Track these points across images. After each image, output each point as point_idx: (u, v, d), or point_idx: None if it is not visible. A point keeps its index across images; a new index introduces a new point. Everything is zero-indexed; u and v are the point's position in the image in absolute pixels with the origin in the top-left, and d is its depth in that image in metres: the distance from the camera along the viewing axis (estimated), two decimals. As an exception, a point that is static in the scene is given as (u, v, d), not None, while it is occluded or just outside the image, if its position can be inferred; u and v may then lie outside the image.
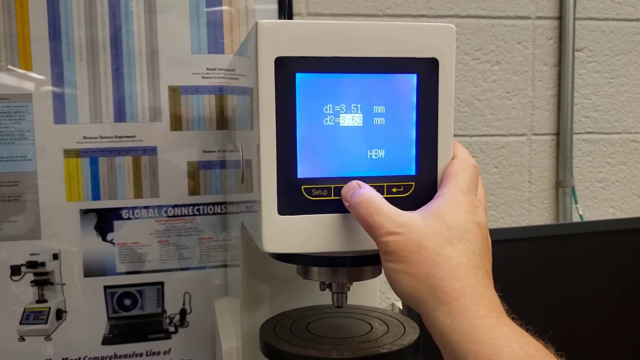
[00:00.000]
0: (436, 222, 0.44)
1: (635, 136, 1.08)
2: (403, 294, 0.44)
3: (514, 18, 1.00)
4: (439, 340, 0.42)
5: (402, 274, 0.43)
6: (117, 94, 0.86)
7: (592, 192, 1.07)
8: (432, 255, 0.43)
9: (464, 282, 0.42)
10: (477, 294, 0.42)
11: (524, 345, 0.40)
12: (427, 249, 0.43)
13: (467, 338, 0.40)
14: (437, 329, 0.42)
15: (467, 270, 0.43)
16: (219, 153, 0.90)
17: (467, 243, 0.44)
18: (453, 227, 0.44)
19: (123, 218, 0.88)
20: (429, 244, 0.43)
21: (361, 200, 0.46)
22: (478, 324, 0.40)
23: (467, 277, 0.42)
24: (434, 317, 0.42)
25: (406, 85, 0.48)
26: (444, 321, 0.41)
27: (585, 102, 1.05)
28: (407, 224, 0.44)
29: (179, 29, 0.87)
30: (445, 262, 0.43)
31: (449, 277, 0.42)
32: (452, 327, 0.41)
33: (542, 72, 1.03)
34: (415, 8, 0.96)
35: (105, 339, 0.89)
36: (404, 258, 0.43)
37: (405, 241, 0.43)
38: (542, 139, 1.04)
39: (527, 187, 1.04)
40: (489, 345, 0.39)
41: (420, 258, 0.43)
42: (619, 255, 0.88)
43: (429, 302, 0.42)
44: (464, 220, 0.45)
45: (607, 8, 1.04)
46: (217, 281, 0.91)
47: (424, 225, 0.44)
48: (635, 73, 1.06)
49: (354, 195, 0.47)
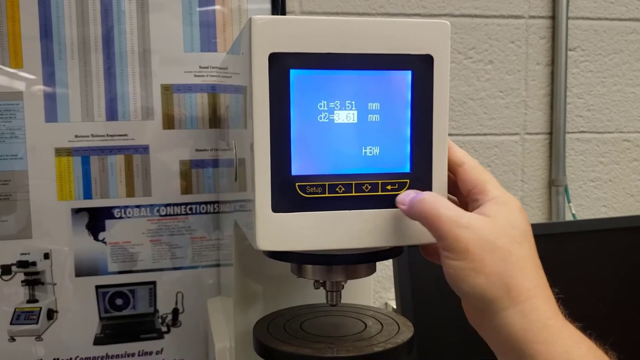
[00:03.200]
0: (503, 220, 0.44)
1: (628, 135, 1.08)
2: (471, 293, 0.43)
3: (507, 17, 1.00)
4: (505, 340, 0.42)
5: (473, 273, 0.42)
6: (109, 93, 0.85)
7: (584, 192, 1.08)
8: (504, 254, 0.42)
9: (535, 282, 0.42)
10: (546, 294, 0.42)
11: (590, 349, 0.40)
12: (499, 247, 0.42)
13: (537, 338, 0.40)
14: (506, 329, 0.41)
15: (534, 270, 0.43)
16: (211, 152, 0.89)
17: (529, 243, 0.44)
18: (516, 227, 0.44)
19: (115, 217, 0.87)
20: (500, 242, 0.43)
21: (425, 197, 0.45)
22: (549, 324, 0.41)
23: (536, 278, 0.42)
24: (504, 317, 0.42)
25: (401, 82, 0.48)
26: (516, 321, 0.41)
27: (578, 101, 1.05)
28: (474, 222, 0.43)
29: (172, 28, 0.86)
30: (516, 261, 0.42)
31: (521, 276, 0.42)
32: (525, 327, 0.41)
33: (535, 71, 1.03)
34: (409, 7, 0.96)
35: (97, 339, 0.88)
36: (475, 256, 0.42)
37: (477, 239, 0.42)
38: (535, 138, 1.04)
39: (520, 186, 1.04)
40: (560, 347, 0.40)
41: (493, 256, 0.42)
42: (612, 254, 0.88)
43: (501, 302, 0.42)
44: (521, 220, 0.45)
45: (600, 7, 1.04)
46: (210, 280, 0.91)
47: (492, 223, 0.43)
48: (627, 72, 1.07)
49: (414, 197, 0.46)
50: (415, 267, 0.76)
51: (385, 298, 1.00)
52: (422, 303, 0.75)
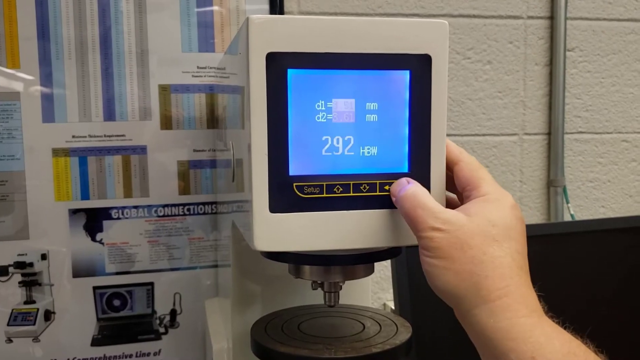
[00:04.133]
0: (481, 219, 0.44)
1: (626, 136, 1.08)
2: (442, 290, 0.43)
3: (506, 18, 1.00)
4: (478, 338, 0.42)
5: (444, 270, 0.43)
6: (106, 93, 0.85)
7: (583, 192, 1.07)
8: (477, 253, 0.42)
9: (508, 282, 0.42)
10: (520, 293, 0.42)
11: (564, 342, 0.40)
12: (472, 247, 0.42)
13: (508, 336, 0.40)
14: (477, 327, 0.42)
15: (511, 270, 0.42)
16: (209, 152, 0.89)
17: (512, 242, 0.44)
18: (499, 225, 0.44)
19: (112, 218, 0.87)
20: (474, 242, 0.43)
21: (407, 194, 0.46)
22: (520, 322, 0.40)
23: (511, 277, 0.42)
24: (474, 315, 0.42)
25: (399, 82, 0.48)
26: (485, 319, 0.41)
27: (576, 101, 1.05)
28: (451, 221, 0.44)
29: (170, 29, 0.86)
30: (490, 260, 0.42)
31: (493, 275, 0.42)
32: (494, 325, 0.41)
33: (534, 71, 1.03)
34: (407, 7, 0.96)
35: (94, 340, 0.88)
36: (447, 254, 0.43)
37: (450, 238, 0.43)
38: (534, 138, 1.04)
39: (518, 187, 1.04)
40: (531, 343, 0.39)
41: (464, 256, 0.42)
42: (611, 254, 0.88)
43: (470, 300, 0.42)
44: (509, 217, 0.45)
45: (598, 8, 1.04)
46: (208, 281, 0.90)
47: (468, 223, 0.44)
48: (626, 73, 1.06)
49: (401, 190, 0.46)
50: (413, 267, 0.76)
51: (383, 299, 1.00)
52: (421, 304, 0.75)
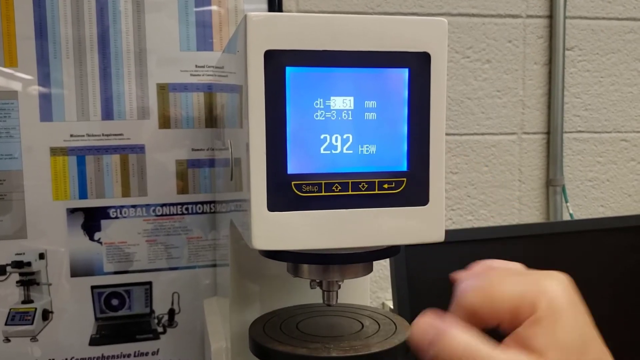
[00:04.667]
0: (557, 355, 0.36)
1: (625, 135, 1.08)
2: None
3: (505, 17, 1.00)
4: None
5: None
6: (104, 92, 0.85)
7: (582, 191, 1.07)
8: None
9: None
10: None
11: None
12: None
13: None
14: None
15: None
16: (207, 151, 0.89)
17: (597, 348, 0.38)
18: (573, 348, 0.36)
19: (111, 217, 0.86)
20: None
21: (453, 339, 0.36)
22: None
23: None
24: None
25: (398, 80, 0.47)
26: None
27: (575, 101, 1.05)
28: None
29: (168, 28, 0.86)
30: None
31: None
32: None
33: (533, 70, 1.02)
34: (406, 6, 0.95)
35: (92, 339, 0.87)
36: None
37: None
38: (533, 137, 1.04)
39: (517, 186, 1.04)
40: None
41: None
42: (610, 253, 0.88)
43: None
44: (581, 332, 0.38)
45: (597, 7, 1.04)
46: (206, 281, 0.90)
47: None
48: (625, 72, 1.06)
49: (433, 339, 0.36)
50: (412, 266, 0.75)
51: (382, 298, 0.99)
52: (419, 303, 0.74)
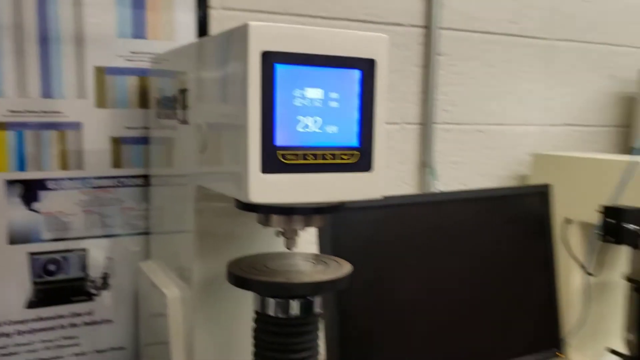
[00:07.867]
0: None
1: (481, 127, 1.32)
2: None
3: (392, 24, 1.19)
4: None
5: None
6: (44, 71, 0.91)
7: (447, 172, 1.30)
8: None
9: None
10: None
11: None
12: None
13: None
14: None
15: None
16: (140, 130, 0.98)
17: None
18: None
19: (49, 189, 0.93)
20: None
21: None
22: None
23: None
24: None
25: (353, 78, 0.63)
26: None
27: (443, 98, 1.27)
28: None
29: (105, 14, 0.94)
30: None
31: None
32: None
33: (412, 72, 1.23)
34: (314, 10, 1.11)
35: (29, 302, 0.93)
36: None
37: None
38: (411, 127, 1.24)
39: (399, 167, 1.24)
40: None
41: None
42: (466, 218, 1.10)
43: None
44: None
45: (462, 21, 1.27)
46: (137, 248, 0.99)
47: None
48: (481, 76, 1.31)
49: None
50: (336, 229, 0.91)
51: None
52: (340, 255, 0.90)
